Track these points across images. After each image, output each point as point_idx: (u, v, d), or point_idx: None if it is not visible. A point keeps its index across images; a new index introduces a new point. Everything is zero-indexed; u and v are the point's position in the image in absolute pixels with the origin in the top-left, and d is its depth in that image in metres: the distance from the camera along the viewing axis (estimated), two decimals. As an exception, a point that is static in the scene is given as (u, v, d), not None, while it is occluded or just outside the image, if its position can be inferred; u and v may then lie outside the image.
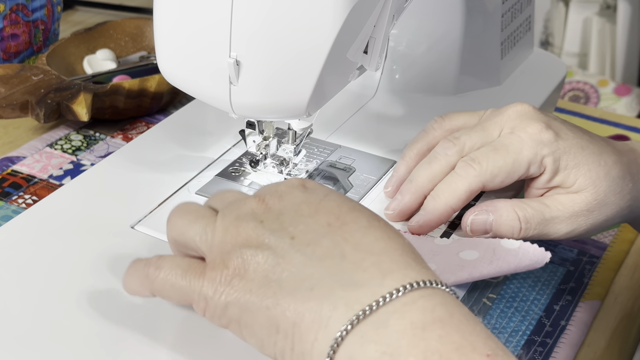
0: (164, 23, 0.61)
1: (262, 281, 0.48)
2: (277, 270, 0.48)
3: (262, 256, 0.48)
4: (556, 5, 2.05)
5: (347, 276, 0.46)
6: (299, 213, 0.50)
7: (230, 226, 0.50)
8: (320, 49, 0.57)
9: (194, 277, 0.50)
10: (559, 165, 0.63)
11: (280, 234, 0.49)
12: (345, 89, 0.65)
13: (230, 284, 0.48)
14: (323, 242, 0.48)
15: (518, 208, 0.63)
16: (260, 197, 0.51)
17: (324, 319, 0.45)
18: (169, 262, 0.51)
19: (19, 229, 0.64)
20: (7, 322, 0.55)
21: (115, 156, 0.72)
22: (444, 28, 0.80)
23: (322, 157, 0.73)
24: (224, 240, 0.50)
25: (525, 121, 0.64)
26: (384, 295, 0.45)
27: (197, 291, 0.50)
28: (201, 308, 0.50)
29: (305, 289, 0.47)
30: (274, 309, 0.47)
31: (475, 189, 0.62)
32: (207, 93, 0.62)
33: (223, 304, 0.49)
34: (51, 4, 0.98)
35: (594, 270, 0.75)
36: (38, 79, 0.85)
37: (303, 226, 0.49)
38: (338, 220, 0.49)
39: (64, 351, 0.53)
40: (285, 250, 0.48)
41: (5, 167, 0.81)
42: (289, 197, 0.51)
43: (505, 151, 0.63)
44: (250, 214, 0.50)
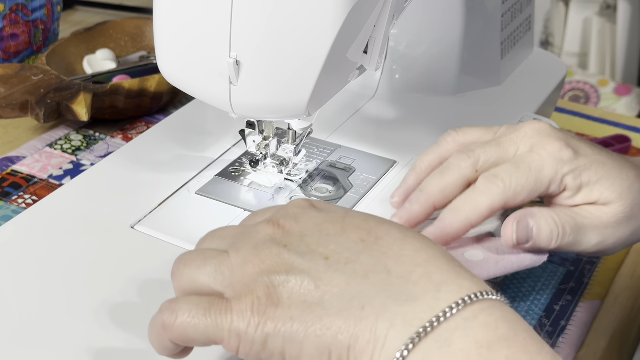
0: (164, 23, 0.61)
1: (302, 307, 0.45)
2: (316, 294, 0.45)
3: (296, 281, 0.45)
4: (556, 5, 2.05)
5: (398, 291, 0.44)
6: (324, 233, 0.47)
7: (250, 257, 0.47)
8: (320, 49, 0.57)
9: (220, 313, 0.46)
10: (580, 182, 0.62)
11: (311, 256, 0.46)
12: (345, 89, 0.65)
13: (266, 314, 0.45)
14: (362, 258, 0.46)
15: (553, 213, 0.61)
16: (272, 222, 0.48)
17: (381, 338, 0.43)
18: (185, 304, 0.47)
19: (19, 229, 0.64)
20: (7, 322, 0.55)
21: (115, 156, 0.72)
22: (444, 28, 0.80)
23: (322, 157, 0.73)
24: (245, 272, 0.46)
25: (544, 139, 0.62)
26: (443, 310, 0.43)
27: (227, 328, 0.45)
28: (234, 346, 0.46)
29: (355, 309, 0.44)
30: (324, 335, 0.44)
31: (497, 206, 0.60)
32: (207, 93, 0.62)
33: (261, 337, 0.45)
34: (51, 4, 0.98)
35: (594, 270, 0.75)
36: (38, 79, 0.85)
37: (334, 245, 0.46)
38: (370, 236, 0.47)
39: (64, 351, 0.53)
40: (322, 272, 0.45)
41: (5, 167, 0.81)
42: (306, 218, 0.48)
43: (527, 169, 0.61)
44: (269, 240, 0.47)
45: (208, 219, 0.65)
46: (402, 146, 0.75)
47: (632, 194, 0.62)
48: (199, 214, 0.66)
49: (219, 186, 0.69)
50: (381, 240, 0.47)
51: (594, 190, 0.62)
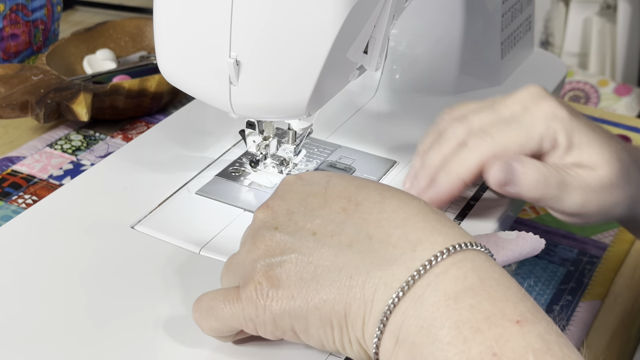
0: (164, 23, 0.61)
1: (299, 284, 0.48)
2: (310, 269, 0.48)
3: (290, 260, 0.48)
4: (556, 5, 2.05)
5: (379, 256, 0.47)
6: (309, 207, 0.50)
7: (250, 246, 0.50)
8: (320, 48, 0.57)
9: (232, 303, 0.50)
10: (572, 141, 0.62)
11: (300, 233, 0.49)
12: (345, 89, 0.65)
13: (269, 297, 0.48)
14: (345, 229, 0.48)
15: (541, 165, 0.61)
16: (265, 205, 0.51)
17: (369, 303, 0.46)
18: (205, 299, 0.52)
19: (19, 229, 0.64)
20: (7, 322, 0.55)
21: (115, 156, 0.72)
22: (444, 28, 0.80)
23: (322, 157, 0.73)
24: (247, 262, 0.50)
25: (538, 99, 0.63)
26: (417, 269, 0.45)
27: (241, 315, 0.50)
28: (252, 329, 0.50)
29: (345, 278, 0.47)
30: (323, 307, 0.47)
31: (486, 160, 0.60)
32: (207, 93, 0.62)
33: (270, 318, 0.49)
34: (51, 4, 0.98)
35: (594, 270, 0.75)
36: (38, 79, 0.85)
37: (319, 219, 0.49)
38: (351, 203, 0.49)
39: (64, 351, 0.53)
40: (312, 247, 0.48)
41: (5, 167, 0.81)
42: (291, 194, 0.51)
43: (517, 124, 0.61)
44: (263, 225, 0.50)
45: (208, 219, 0.65)
46: (402, 146, 0.74)
47: (618, 161, 0.62)
48: (199, 214, 0.66)
49: (219, 186, 0.69)
50: (361, 206, 0.49)
51: (584, 152, 0.62)
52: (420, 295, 0.45)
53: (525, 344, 0.42)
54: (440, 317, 0.44)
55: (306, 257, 0.48)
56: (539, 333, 0.43)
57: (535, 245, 0.60)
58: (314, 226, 0.49)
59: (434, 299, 0.44)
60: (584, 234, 0.80)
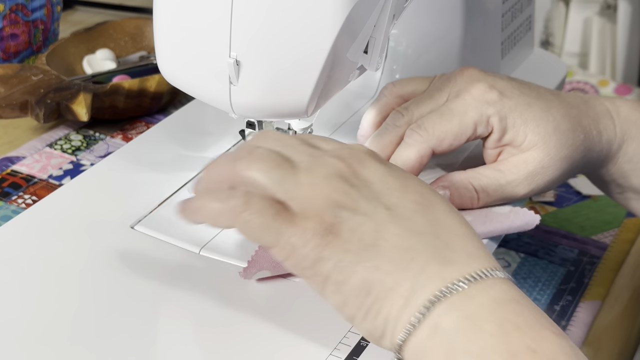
0: (164, 23, 0.61)
1: (358, 243, 0.49)
2: (373, 237, 0.49)
3: (358, 220, 0.50)
4: (556, 5, 2.05)
5: (441, 253, 0.49)
6: (386, 185, 0.52)
7: (321, 183, 0.50)
8: (320, 48, 0.57)
9: (285, 221, 0.49)
10: (506, 123, 0.64)
11: (375, 203, 0.50)
12: (345, 89, 0.65)
13: (325, 239, 0.49)
14: (417, 218, 0.51)
15: (473, 179, 0.64)
16: (341, 158, 0.52)
17: (418, 288, 0.48)
18: (258, 200, 0.50)
19: (18, 229, 0.63)
20: (7, 322, 0.55)
21: (115, 156, 0.72)
22: (444, 28, 0.80)
23: (322, 157, 0.73)
24: (313, 195, 0.50)
25: (470, 83, 0.65)
26: (471, 274, 0.48)
27: (286, 237, 0.49)
28: (284, 254, 0.50)
29: (404, 260, 0.49)
30: (372, 273, 0.49)
31: (425, 154, 0.63)
32: (207, 93, 0.62)
33: (313, 257, 0.49)
34: (51, 4, 0.98)
35: (594, 270, 0.75)
36: (38, 79, 0.85)
37: (395, 200, 0.51)
38: (425, 201, 0.52)
39: (63, 351, 0.53)
40: (382, 220, 0.50)
41: (5, 167, 0.81)
42: (371, 167, 0.52)
43: (450, 114, 0.64)
44: (339, 175, 0.51)
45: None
46: (402, 146, 0.74)
47: (556, 135, 0.64)
48: (199, 214, 0.65)
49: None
50: (433, 207, 0.52)
51: (519, 133, 0.64)
52: (471, 295, 0.48)
53: (559, 348, 0.46)
54: (485, 314, 0.47)
55: (374, 225, 0.50)
56: (569, 344, 0.47)
57: (529, 219, 0.62)
58: (389, 203, 0.51)
59: (483, 300, 0.48)
60: (584, 234, 0.80)
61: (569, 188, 0.86)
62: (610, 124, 0.67)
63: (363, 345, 0.54)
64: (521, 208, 0.62)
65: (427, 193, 0.52)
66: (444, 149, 0.64)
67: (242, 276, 0.58)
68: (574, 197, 0.85)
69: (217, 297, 0.58)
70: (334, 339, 0.54)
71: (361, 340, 0.54)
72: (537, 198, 0.84)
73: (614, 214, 0.82)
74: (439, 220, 0.51)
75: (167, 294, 0.58)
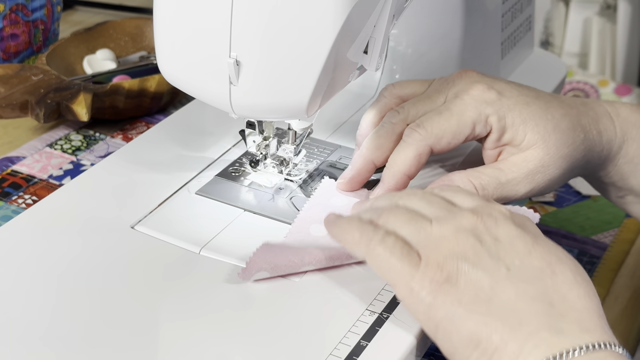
0: (164, 23, 0.61)
1: (472, 297, 0.51)
2: (488, 293, 0.51)
3: (477, 274, 0.52)
4: (556, 5, 2.05)
5: (553, 322, 0.50)
6: (514, 247, 0.53)
7: (449, 235, 0.53)
8: (321, 49, 0.57)
9: (409, 264, 0.52)
10: (505, 123, 0.65)
11: (497, 261, 0.52)
12: (345, 89, 0.65)
13: (441, 288, 0.52)
14: (536, 284, 0.52)
15: (473, 177, 0.65)
16: (478, 214, 0.54)
17: (525, 353, 0.49)
18: (392, 240, 0.54)
19: (19, 229, 0.64)
20: (7, 322, 0.55)
21: (115, 156, 0.72)
22: (444, 28, 0.80)
23: (322, 157, 0.73)
24: (440, 245, 0.53)
25: (469, 84, 0.66)
26: (581, 346, 0.49)
27: (407, 279, 0.52)
28: (402, 295, 0.53)
29: (515, 321, 0.50)
30: (481, 327, 0.50)
31: (423, 152, 0.64)
32: (207, 93, 0.62)
33: (428, 302, 0.52)
34: (51, 4, 0.98)
35: (594, 270, 0.75)
36: (38, 79, 0.85)
37: (518, 262, 0.52)
38: (549, 268, 0.52)
39: (63, 351, 0.53)
40: (500, 279, 0.51)
41: (5, 167, 0.81)
42: (504, 227, 0.54)
43: (448, 113, 0.64)
44: (470, 229, 0.53)
45: (208, 219, 0.65)
46: (402, 146, 0.75)
47: (556, 133, 0.65)
48: (199, 214, 0.66)
49: (219, 186, 0.69)
50: (555, 277, 0.52)
51: (519, 132, 0.65)
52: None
53: None
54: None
55: (490, 282, 0.51)
56: None
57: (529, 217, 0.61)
58: (511, 264, 0.52)
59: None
60: (584, 234, 0.80)
61: (568, 188, 0.86)
62: (610, 124, 0.67)
63: (363, 345, 0.54)
64: (520, 207, 0.62)
65: (555, 262, 0.53)
66: (442, 147, 0.64)
67: (241, 277, 0.58)
68: (573, 197, 0.85)
69: (216, 297, 0.58)
70: (334, 339, 0.54)
71: (361, 340, 0.54)
72: (537, 198, 0.84)
73: (614, 214, 0.82)
74: (558, 289, 0.52)
75: (167, 294, 0.58)
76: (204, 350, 0.54)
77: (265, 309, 0.57)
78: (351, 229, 0.55)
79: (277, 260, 0.59)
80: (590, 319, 0.51)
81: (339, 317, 0.56)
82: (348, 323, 0.56)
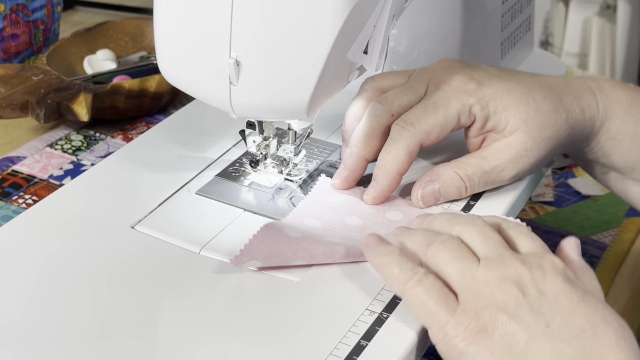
0: (164, 23, 0.61)
1: (506, 350, 0.51)
2: (523, 348, 0.50)
3: (514, 327, 0.51)
4: (556, 5, 2.05)
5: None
6: (558, 303, 0.52)
7: (493, 282, 0.52)
8: (321, 49, 0.57)
9: (445, 309, 0.52)
10: (488, 111, 0.66)
11: (537, 315, 0.51)
12: (345, 89, 0.65)
13: (475, 337, 0.51)
14: (574, 344, 0.51)
15: (458, 169, 0.66)
16: (527, 265, 0.53)
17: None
18: (431, 282, 0.54)
19: (19, 229, 0.64)
20: (7, 322, 0.55)
21: (115, 156, 0.72)
22: (444, 28, 0.80)
23: (322, 157, 0.73)
24: (481, 292, 0.52)
25: (449, 75, 0.67)
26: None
27: (442, 323, 0.52)
28: (437, 338, 0.53)
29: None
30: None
31: (413, 149, 0.65)
32: (207, 93, 0.62)
33: (460, 349, 0.51)
34: (51, 4, 0.98)
35: (593, 270, 0.75)
36: (38, 79, 0.85)
37: (560, 319, 0.51)
38: (591, 329, 0.51)
39: (63, 351, 0.53)
40: (538, 335, 0.51)
41: (6, 167, 0.81)
42: (552, 280, 0.53)
43: (433, 107, 0.65)
44: (515, 280, 0.53)
45: (208, 219, 0.65)
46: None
47: (538, 117, 0.66)
48: (199, 214, 0.66)
49: (219, 186, 0.69)
50: (597, 339, 0.51)
51: (501, 118, 0.66)
52: None
53: None
54: None
55: (527, 337, 0.51)
56: None
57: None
58: (552, 321, 0.51)
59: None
60: (584, 234, 0.80)
61: (568, 188, 0.86)
62: (592, 100, 0.68)
63: (363, 345, 0.54)
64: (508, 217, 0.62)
65: (599, 323, 0.52)
66: (431, 141, 0.65)
67: (233, 264, 0.59)
68: (573, 197, 0.85)
69: (217, 297, 0.58)
70: (334, 339, 0.54)
71: (361, 340, 0.55)
72: (537, 198, 0.84)
73: (614, 214, 0.82)
74: (597, 352, 0.51)
75: (167, 293, 0.58)
76: (203, 350, 0.54)
77: (265, 308, 0.57)
78: (391, 262, 0.55)
79: (271, 251, 0.59)
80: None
81: (338, 317, 0.56)
82: (348, 323, 0.56)
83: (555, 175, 0.88)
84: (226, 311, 0.57)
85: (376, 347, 0.54)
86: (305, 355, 0.54)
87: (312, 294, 0.58)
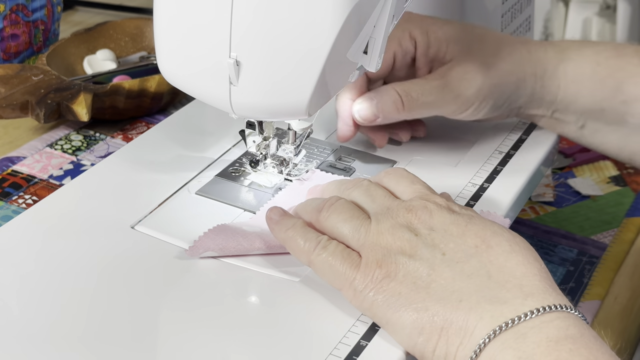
0: (164, 23, 0.61)
1: (411, 286, 0.53)
2: (426, 280, 0.53)
3: (414, 265, 0.54)
4: (556, 5, 2.05)
5: (493, 293, 0.52)
6: (448, 232, 0.55)
7: (386, 232, 0.56)
8: (321, 49, 0.57)
9: (350, 266, 0.55)
10: (427, 37, 0.70)
11: (432, 249, 0.54)
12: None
13: (380, 284, 0.54)
14: (471, 261, 0.54)
15: (397, 85, 0.69)
16: (412, 210, 0.56)
17: (470, 327, 0.51)
18: (334, 246, 0.56)
19: (19, 229, 0.64)
20: (7, 322, 0.55)
21: (115, 156, 0.72)
22: (443, 28, 0.80)
23: (322, 157, 0.73)
24: (377, 242, 0.55)
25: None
26: (525, 312, 0.50)
27: (350, 280, 0.55)
28: (349, 296, 0.55)
29: (454, 300, 0.52)
30: (422, 313, 0.52)
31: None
32: (207, 93, 0.62)
33: (370, 299, 0.54)
34: (51, 4, 0.98)
35: (593, 270, 0.75)
36: (38, 79, 0.85)
37: (453, 245, 0.54)
38: (484, 243, 0.54)
39: (63, 351, 0.53)
40: (437, 264, 0.54)
41: (6, 167, 0.81)
42: (438, 217, 0.56)
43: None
44: (405, 225, 0.56)
45: (208, 219, 0.65)
46: (401, 146, 0.75)
47: (478, 43, 0.71)
48: (199, 214, 0.66)
49: (219, 186, 0.69)
50: (491, 250, 0.54)
51: (442, 45, 0.70)
52: (524, 333, 0.50)
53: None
54: (540, 354, 0.49)
55: (428, 269, 0.53)
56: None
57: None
58: (446, 248, 0.54)
59: (536, 339, 0.49)
60: (584, 234, 0.80)
61: (568, 188, 0.86)
62: (539, 46, 0.71)
63: (363, 345, 0.54)
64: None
65: (490, 236, 0.54)
66: (384, 71, 0.71)
67: (188, 254, 0.60)
68: (573, 197, 0.85)
69: (216, 297, 0.58)
70: (334, 339, 0.54)
71: (361, 340, 0.55)
72: (537, 198, 0.84)
73: (614, 214, 0.82)
74: (495, 262, 0.53)
75: (167, 293, 0.58)
76: (203, 350, 0.54)
77: (265, 308, 0.57)
78: (295, 235, 0.58)
79: (227, 242, 0.60)
80: (532, 284, 0.52)
81: (339, 316, 0.56)
82: (348, 323, 0.56)
83: (555, 175, 0.88)
84: (226, 311, 0.57)
85: (376, 347, 0.54)
86: (305, 355, 0.54)
87: (312, 294, 0.58)
